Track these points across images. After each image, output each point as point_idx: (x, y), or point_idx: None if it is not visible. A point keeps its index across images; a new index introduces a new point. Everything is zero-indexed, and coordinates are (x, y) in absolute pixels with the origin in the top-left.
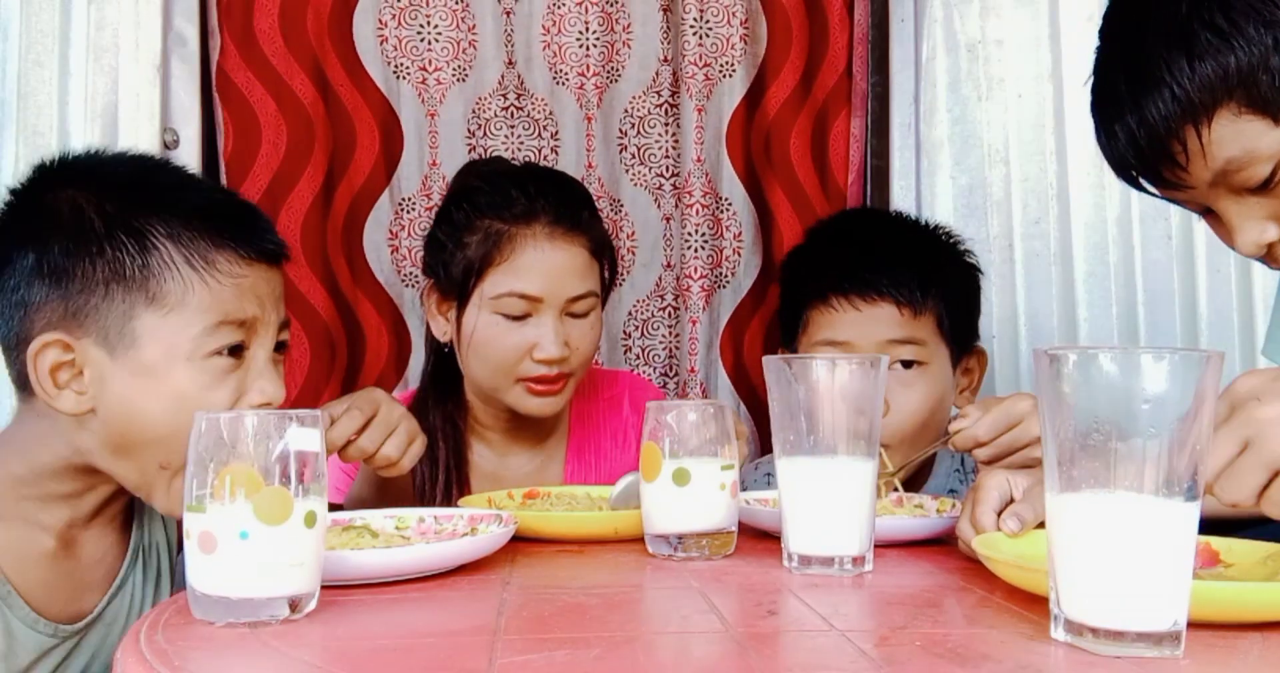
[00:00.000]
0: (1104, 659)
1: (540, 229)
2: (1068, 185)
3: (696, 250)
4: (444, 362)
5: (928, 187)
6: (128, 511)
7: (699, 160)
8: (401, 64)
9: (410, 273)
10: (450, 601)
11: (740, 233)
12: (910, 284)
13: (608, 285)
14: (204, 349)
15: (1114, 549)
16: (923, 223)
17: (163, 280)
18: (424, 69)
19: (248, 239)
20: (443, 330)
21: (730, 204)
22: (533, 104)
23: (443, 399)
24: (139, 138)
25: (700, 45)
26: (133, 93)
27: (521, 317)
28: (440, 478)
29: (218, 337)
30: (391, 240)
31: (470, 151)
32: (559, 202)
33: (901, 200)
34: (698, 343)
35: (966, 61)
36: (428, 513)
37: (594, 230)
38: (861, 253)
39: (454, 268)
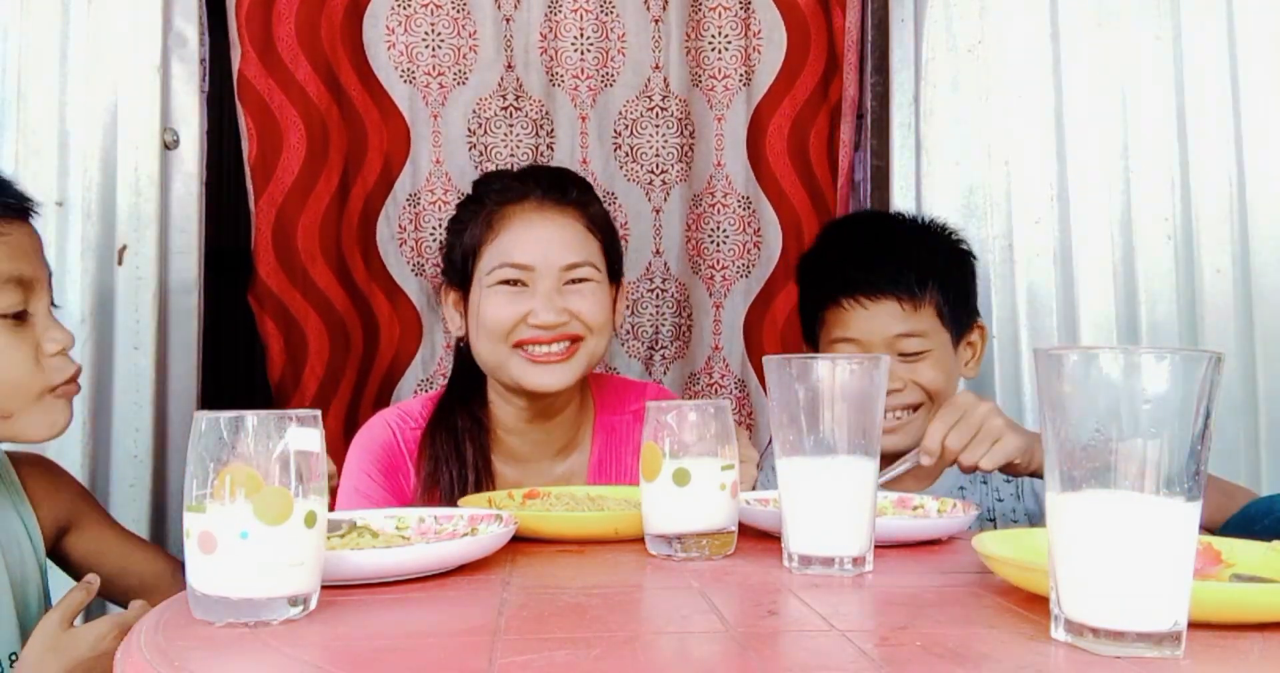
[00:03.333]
0: (1104, 659)
1: (530, 204)
2: (1068, 185)
3: (719, 244)
4: (467, 364)
5: (928, 187)
6: None
7: (719, 165)
8: (407, 69)
9: (418, 264)
10: (450, 601)
11: (760, 229)
12: (909, 280)
13: (615, 266)
14: None
15: (1114, 549)
16: (919, 220)
17: None
18: (428, 73)
19: (3, 199)
20: (458, 325)
21: (750, 202)
22: (530, 105)
23: (467, 399)
24: (139, 138)
25: (720, 59)
26: (133, 93)
27: (520, 289)
28: (470, 477)
29: (3, 292)
30: (400, 234)
31: (471, 149)
32: (549, 180)
33: (901, 200)
34: (721, 325)
35: (966, 62)
36: (428, 513)
37: (587, 206)
38: (864, 255)
39: (455, 255)
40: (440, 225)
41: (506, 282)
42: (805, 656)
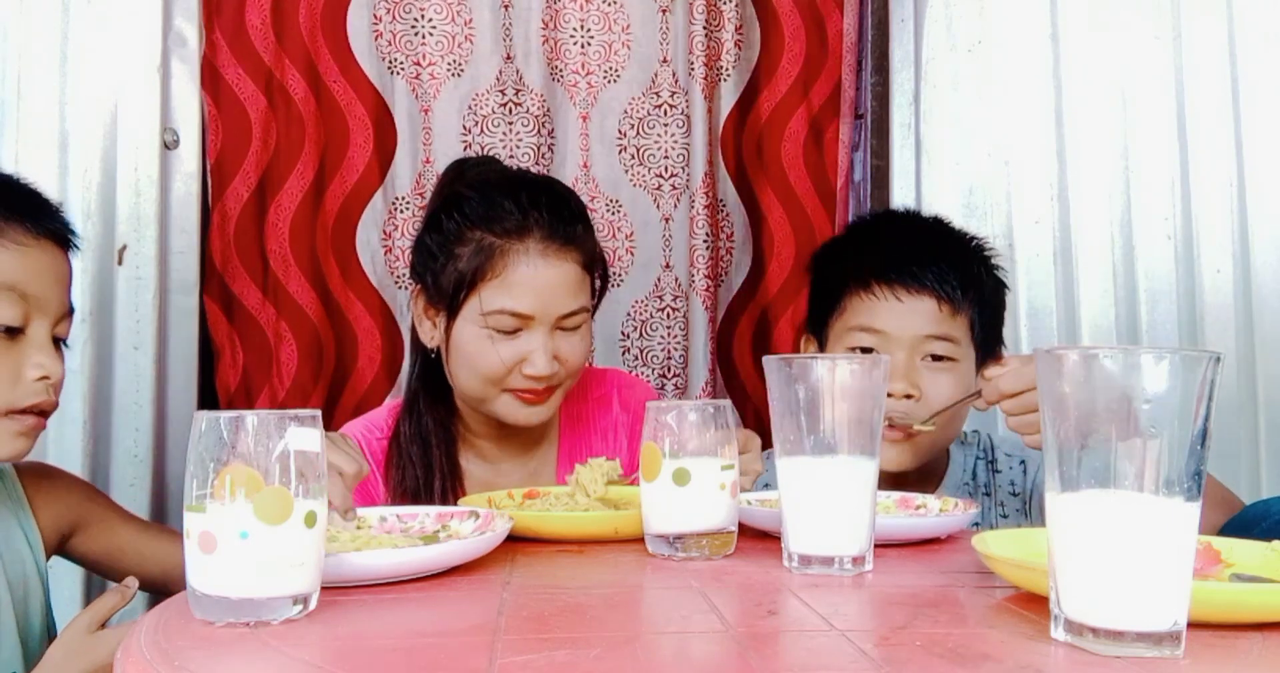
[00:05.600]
0: (1104, 659)
1: (533, 245)
2: (1067, 185)
3: (712, 250)
4: (432, 365)
5: (928, 187)
6: None
7: (710, 162)
8: (395, 59)
9: (404, 275)
10: (450, 601)
11: (732, 233)
12: (952, 282)
13: (598, 296)
14: None
15: (1114, 549)
16: (961, 231)
17: None
18: (417, 63)
19: (36, 217)
20: (430, 336)
21: (724, 206)
22: (532, 100)
23: (433, 403)
24: (139, 138)
25: (707, 47)
26: (133, 93)
27: (512, 330)
28: (436, 484)
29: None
30: (385, 241)
31: (466, 149)
32: (553, 216)
33: (901, 200)
34: (717, 342)
35: (966, 61)
36: (389, 512)
37: (587, 244)
38: (907, 246)
39: (444, 279)
40: None
41: (501, 326)
42: (805, 656)
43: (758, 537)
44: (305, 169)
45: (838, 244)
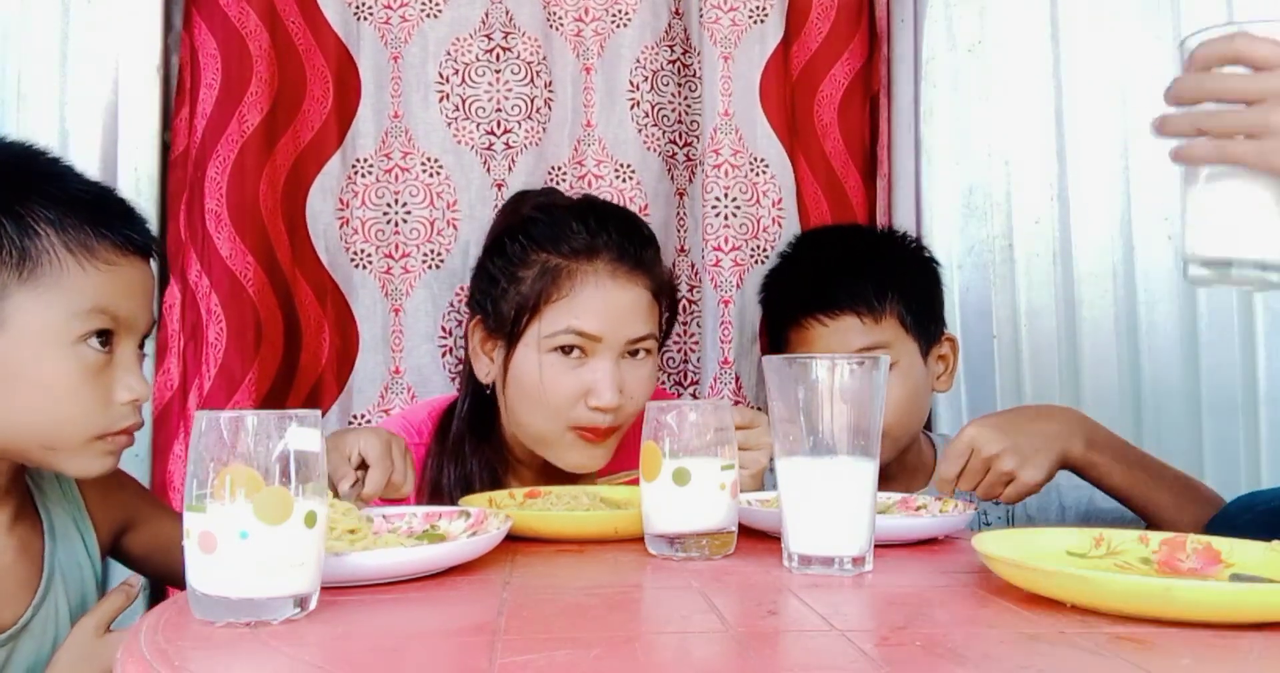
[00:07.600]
0: (1104, 658)
1: (602, 266)
2: (1067, 185)
3: (727, 218)
4: (481, 403)
5: (928, 187)
6: (32, 524)
7: (726, 114)
8: (363, 3)
9: (362, 250)
10: (450, 601)
11: (780, 200)
12: (867, 294)
13: (665, 328)
14: (74, 332)
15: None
16: (879, 231)
17: (39, 263)
18: (388, 6)
19: (124, 231)
20: (486, 371)
21: (766, 166)
22: (524, 45)
23: (480, 444)
24: (139, 138)
25: None
26: (133, 93)
27: (577, 357)
28: None
29: (89, 322)
30: (342, 211)
31: (443, 101)
32: (622, 237)
33: (902, 200)
34: (731, 328)
35: (966, 62)
36: (376, 512)
37: (656, 270)
38: (823, 272)
39: (506, 304)
40: (397, 201)
41: (563, 348)
42: (805, 656)
43: (758, 537)
44: (248, 112)
45: (773, 277)
